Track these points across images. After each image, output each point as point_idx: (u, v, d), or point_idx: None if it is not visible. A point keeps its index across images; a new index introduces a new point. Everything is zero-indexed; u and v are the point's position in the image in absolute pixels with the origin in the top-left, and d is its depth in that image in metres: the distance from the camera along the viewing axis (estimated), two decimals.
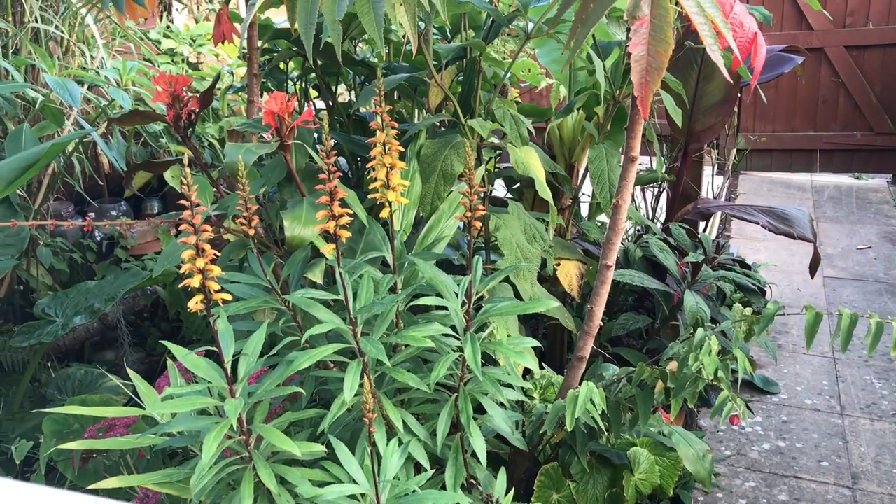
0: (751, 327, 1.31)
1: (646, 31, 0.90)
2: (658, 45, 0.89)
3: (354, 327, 1.32)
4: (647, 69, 0.90)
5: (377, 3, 0.98)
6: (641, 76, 0.90)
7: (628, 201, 1.39)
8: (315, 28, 1.01)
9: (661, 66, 0.89)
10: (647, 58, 0.89)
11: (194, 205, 1.17)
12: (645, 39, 0.90)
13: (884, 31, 5.06)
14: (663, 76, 1.71)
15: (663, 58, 0.89)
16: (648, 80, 0.90)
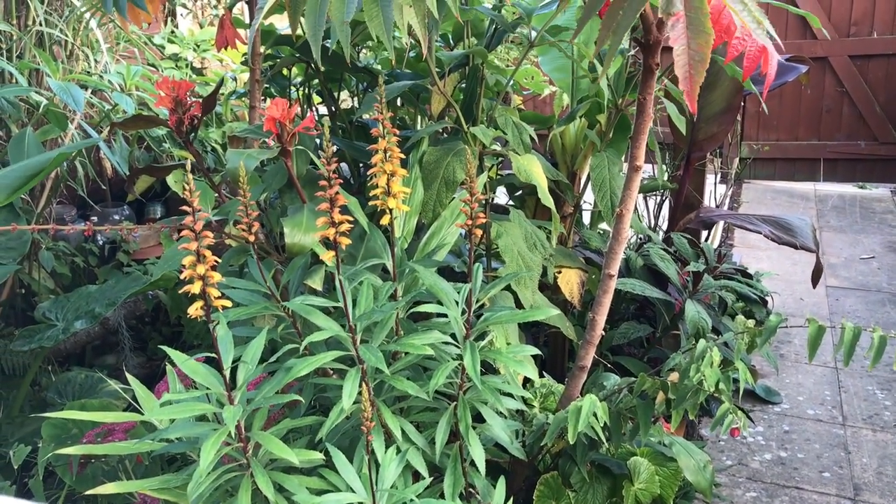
0: (753, 339, 1.31)
1: (683, 26, 0.90)
2: (698, 38, 0.89)
3: (354, 335, 1.32)
4: (690, 62, 0.89)
5: (386, 7, 0.97)
6: (686, 70, 0.89)
7: (631, 210, 1.39)
8: (322, 31, 1.01)
9: (705, 57, 0.89)
10: (689, 51, 0.89)
11: (195, 210, 1.17)
12: (683, 33, 0.90)
13: (888, 40, 5.05)
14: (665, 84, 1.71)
15: (705, 49, 0.89)
16: (693, 73, 0.90)
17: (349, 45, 1.03)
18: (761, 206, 4.95)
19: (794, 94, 5.18)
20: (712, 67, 2.36)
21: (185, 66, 3.42)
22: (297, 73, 2.35)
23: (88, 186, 2.98)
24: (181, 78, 3.39)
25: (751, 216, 2.33)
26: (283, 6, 1.68)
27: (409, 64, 2.19)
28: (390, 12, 0.98)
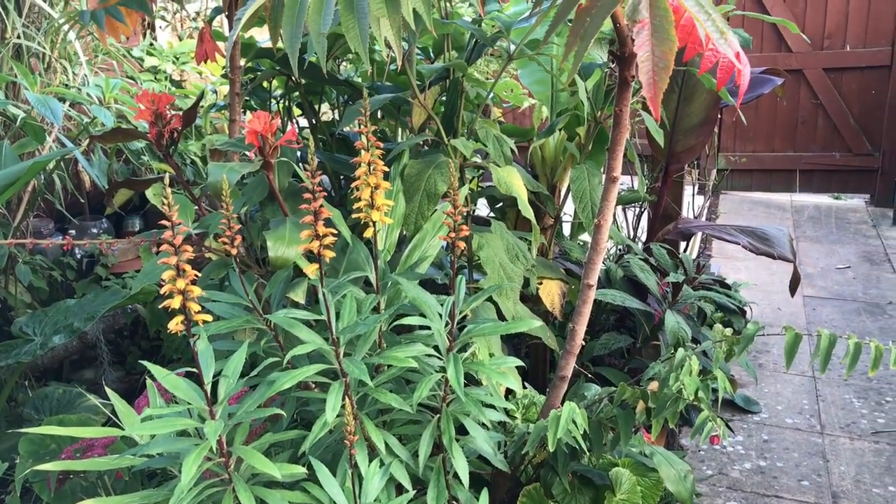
0: (731, 347, 1.32)
1: (647, 33, 0.91)
2: (662, 45, 0.90)
3: (337, 348, 1.32)
4: (654, 69, 0.90)
5: (362, 19, 0.98)
6: (649, 76, 0.91)
7: (609, 221, 1.40)
8: (300, 43, 1.01)
9: (668, 64, 0.90)
10: (653, 58, 0.90)
11: (175, 224, 1.17)
12: (648, 41, 0.91)
13: (861, 53, 5.13)
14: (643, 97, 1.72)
15: (669, 56, 0.90)
16: (656, 80, 0.91)
17: (326, 58, 1.03)
18: (738, 217, 5.00)
19: (770, 105, 5.24)
20: (690, 80, 2.39)
21: (165, 79, 3.41)
22: (278, 86, 2.35)
23: (66, 200, 2.96)
24: (160, 90, 3.38)
25: (729, 227, 2.36)
26: (262, 19, 1.68)
27: (390, 76, 2.20)
28: (366, 24, 0.99)
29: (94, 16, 1.46)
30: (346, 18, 0.99)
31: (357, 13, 0.98)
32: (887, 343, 3.39)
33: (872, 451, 2.61)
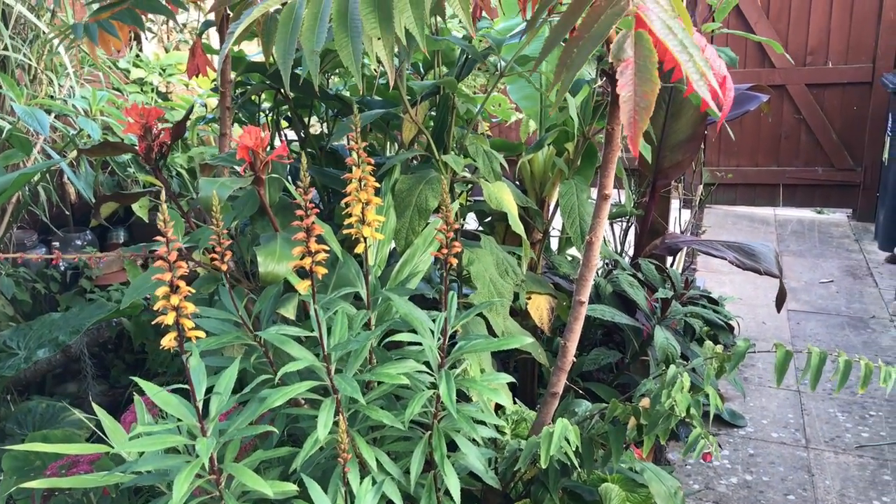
0: (722, 365, 1.33)
1: (631, 73, 0.92)
2: (644, 86, 0.91)
3: (328, 364, 1.31)
4: (636, 109, 0.91)
5: (356, 38, 0.98)
6: (630, 116, 0.91)
7: (601, 238, 1.41)
8: (293, 59, 1.02)
9: (649, 105, 0.91)
10: (635, 97, 0.91)
11: (169, 241, 1.16)
12: (631, 80, 0.91)
13: (843, 70, 5.20)
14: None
15: (650, 97, 0.91)
16: (637, 119, 0.91)
17: (318, 74, 1.03)
18: (723, 231, 5.04)
19: (754, 121, 5.29)
20: (677, 97, 2.41)
21: (151, 91, 3.40)
22: (266, 99, 2.35)
23: (51, 212, 2.94)
24: (147, 102, 3.37)
25: (715, 242, 2.37)
26: (253, 33, 1.69)
27: (380, 91, 2.20)
28: (360, 44, 0.99)
29: (87, 29, 1.46)
30: (340, 37, 0.99)
31: (351, 32, 0.98)
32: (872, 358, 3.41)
33: (857, 466, 2.62)
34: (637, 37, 0.92)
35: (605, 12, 0.93)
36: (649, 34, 0.92)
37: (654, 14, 0.93)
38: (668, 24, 0.93)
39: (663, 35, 0.92)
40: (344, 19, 0.99)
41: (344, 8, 0.99)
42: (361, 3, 0.98)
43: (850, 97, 5.23)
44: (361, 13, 0.98)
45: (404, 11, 0.96)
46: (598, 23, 0.93)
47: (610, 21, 0.93)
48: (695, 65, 0.92)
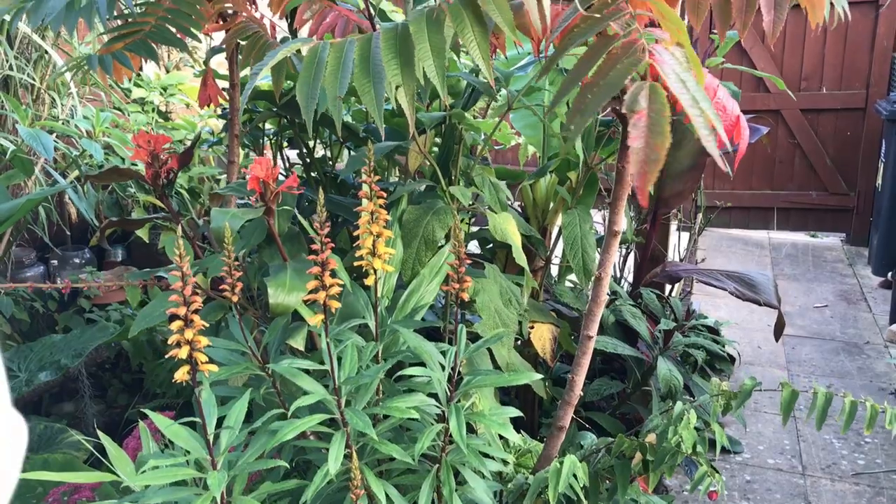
0: (728, 402, 1.34)
1: (644, 125, 0.93)
2: (656, 139, 0.92)
3: (339, 397, 1.32)
4: (646, 160, 0.92)
5: (378, 83, 1.00)
6: (640, 167, 0.92)
7: (609, 274, 1.42)
8: (315, 104, 1.03)
9: (659, 158, 0.92)
10: (646, 149, 0.92)
11: (185, 275, 1.17)
12: (643, 132, 0.93)
13: (836, 95, 5.25)
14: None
15: (661, 150, 0.92)
16: (647, 171, 0.93)
17: (341, 118, 1.05)
18: (718, 255, 5.06)
19: (749, 145, 5.32)
20: (679, 127, 2.43)
21: (152, 110, 3.41)
22: (271, 125, 2.37)
23: (52, 231, 2.94)
24: (147, 122, 3.37)
25: (716, 272, 2.39)
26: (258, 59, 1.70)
27: (386, 119, 2.22)
28: (381, 89, 1.01)
29: (101, 61, 1.47)
30: (362, 83, 1.01)
31: (373, 78, 1.00)
32: (867, 384, 3.43)
33: (853, 493, 2.63)
34: (651, 89, 0.93)
35: (622, 61, 0.94)
36: (664, 87, 0.94)
37: (669, 67, 0.95)
38: (681, 78, 0.95)
39: (676, 89, 0.94)
40: (366, 65, 1.00)
41: (366, 53, 1.00)
42: (384, 50, 0.99)
43: (843, 122, 5.28)
44: (384, 59, 0.99)
45: (426, 59, 0.97)
46: (613, 71, 0.94)
47: (626, 70, 0.94)
48: (705, 120, 0.93)
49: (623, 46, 0.95)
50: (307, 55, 1.03)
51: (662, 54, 0.96)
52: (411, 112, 1.01)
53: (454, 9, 0.99)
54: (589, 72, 0.98)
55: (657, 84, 0.94)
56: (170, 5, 1.57)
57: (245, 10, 1.68)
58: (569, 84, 0.98)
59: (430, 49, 0.98)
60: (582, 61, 0.98)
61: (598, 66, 0.97)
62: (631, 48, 0.95)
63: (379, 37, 1.01)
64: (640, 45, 0.95)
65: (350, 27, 1.76)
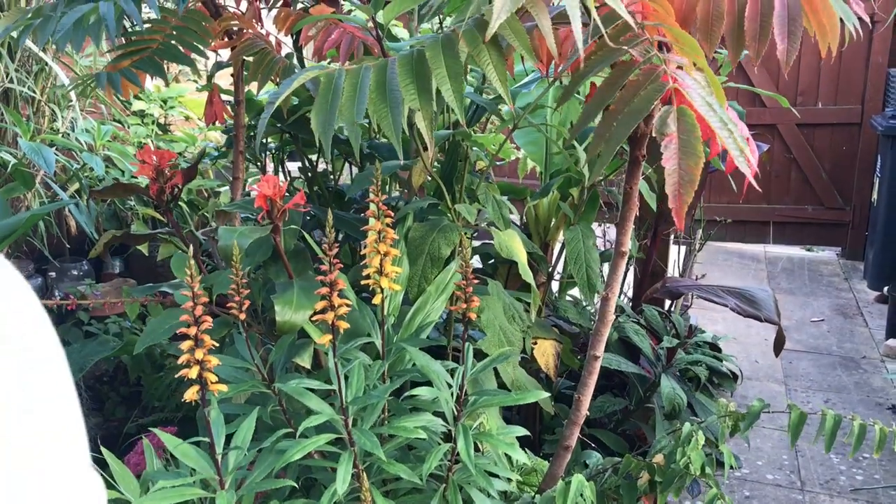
0: (736, 424, 1.34)
1: (675, 147, 0.93)
2: (689, 160, 0.93)
3: (346, 417, 1.32)
4: (680, 182, 0.93)
5: (395, 109, 1.00)
6: (675, 189, 0.93)
7: (617, 293, 1.43)
8: (333, 130, 1.03)
9: (693, 179, 0.93)
10: (679, 171, 0.93)
11: (196, 295, 1.17)
12: (675, 154, 0.93)
13: (832, 111, 5.28)
14: None
15: (695, 171, 0.93)
16: (682, 193, 0.93)
17: (358, 144, 1.05)
18: (714, 268, 5.07)
19: None
20: None
21: (151, 123, 3.41)
22: (273, 140, 2.37)
23: (51, 244, 2.93)
24: (147, 134, 3.37)
25: (716, 288, 2.40)
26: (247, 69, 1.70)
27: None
28: (399, 115, 1.01)
29: (110, 79, 1.47)
30: (380, 108, 1.01)
31: (390, 103, 1.00)
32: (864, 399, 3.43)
33: None
34: (680, 112, 0.94)
35: (645, 88, 0.95)
36: (691, 109, 0.94)
37: (694, 91, 0.96)
38: (707, 101, 0.95)
39: (704, 111, 0.94)
40: (383, 90, 1.00)
41: (382, 79, 1.01)
42: (400, 75, 1.00)
43: (839, 137, 5.31)
44: (400, 84, 1.00)
45: (443, 84, 0.98)
46: (638, 98, 0.95)
47: (651, 97, 0.95)
48: (735, 141, 0.94)
49: (644, 73, 0.96)
50: (323, 82, 1.04)
51: (685, 79, 0.96)
52: (430, 135, 1.02)
53: (470, 34, 0.99)
54: (611, 98, 0.98)
55: (686, 108, 0.94)
56: (177, 23, 1.58)
57: (251, 28, 1.68)
58: (592, 111, 0.99)
59: (447, 73, 0.98)
60: (603, 88, 0.99)
61: (621, 93, 0.97)
62: (652, 74, 0.96)
63: (395, 62, 1.01)
64: (661, 70, 0.96)
65: (355, 44, 1.77)
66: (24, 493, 0.35)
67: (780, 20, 1.03)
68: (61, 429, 0.39)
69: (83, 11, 1.35)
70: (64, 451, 0.39)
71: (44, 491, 0.37)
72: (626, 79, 0.97)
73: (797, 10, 1.04)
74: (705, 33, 1.08)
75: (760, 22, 1.03)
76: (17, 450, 0.36)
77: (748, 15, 1.05)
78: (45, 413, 0.38)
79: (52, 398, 0.39)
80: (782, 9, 1.04)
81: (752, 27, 1.04)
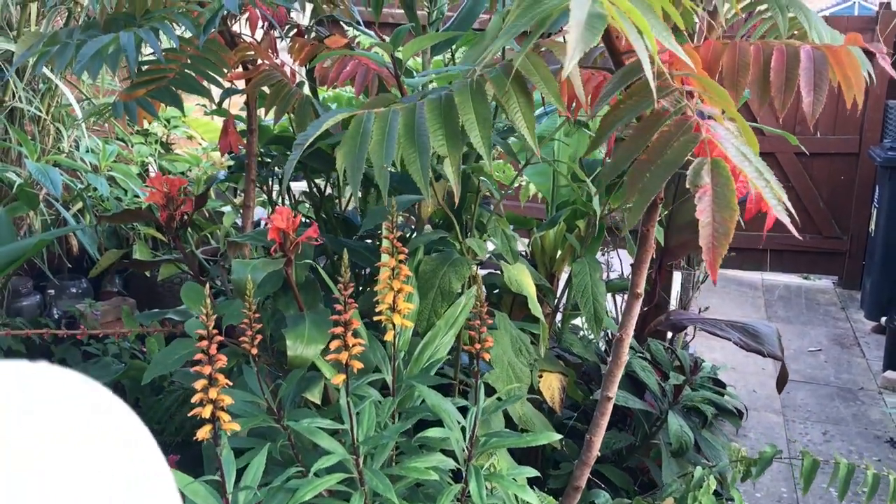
0: (748, 468, 1.34)
1: (709, 199, 0.93)
2: (723, 212, 0.93)
3: (357, 457, 1.31)
4: (714, 235, 0.93)
5: (423, 154, 1.00)
6: (709, 241, 0.93)
7: (630, 335, 1.42)
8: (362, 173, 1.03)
9: (728, 231, 0.93)
10: (713, 223, 0.93)
11: (210, 334, 1.16)
12: (709, 207, 0.93)
13: (830, 140, 5.31)
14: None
15: (729, 224, 0.93)
16: (716, 245, 0.93)
17: (387, 187, 1.05)
18: (712, 295, 5.07)
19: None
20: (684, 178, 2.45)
21: (155, 142, 3.40)
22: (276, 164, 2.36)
23: (53, 263, 2.91)
24: (150, 153, 3.37)
25: (720, 321, 2.40)
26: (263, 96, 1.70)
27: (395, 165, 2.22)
28: (427, 161, 1.01)
29: (126, 108, 1.47)
30: (408, 152, 1.01)
31: (419, 148, 1.00)
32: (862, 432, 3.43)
33: None
34: (714, 164, 0.94)
35: (678, 139, 0.95)
36: (725, 161, 0.94)
37: (728, 141, 0.96)
38: (741, 151, 0.96)
39: (738, 161, 0.95)
40: (411, 134, 1.00)
41: (411, 123, 1.01)
42: (429, 120, 1.00)
43: (837, 167, 5.34)
44: (429, 129, 0.99)
45: (472, 130, 0.98)
46: (671, 149, 0.95)
47: (685, 148, 0.95)
48: (772, 191, 0.94)
49: (676, 123, 0.96)
50: (352, 125, 1.04)
51: (717, 129, 0.96)
52: (457, 181, 1.01)
53: (498, 79, 0.99)
54: (641, 148, 0.98)
55: (720, 160, 0.94)
56: (193, 52, 1.58)
57: (267, 58, 1.69)
58: (621, 161, 0.99)
59: (476, 119, 0.98)
60: (633, 138, 0.99)
61: (653, 144, 0.97)
62: (684, 125, 0.96)
63: (423, 107, 1.01)
64: (693, 121, 0.96)
65: (370, 76, 1.77)
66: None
67: (807, 73, 1.04)
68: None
69: (103, 42, 1.35)
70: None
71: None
72: (657, 129, 0.97)
73: (823, 62, 1.05)
74: (731, 83, 1.08)
75: (787, 74, 1.04)
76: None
77: (774, 66, 1.06)
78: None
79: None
80: (808, 62, 1.05)
81: (778, 79, 1.05)
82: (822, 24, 1.35)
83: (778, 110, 1.10)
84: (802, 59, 1.04)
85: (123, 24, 1.57)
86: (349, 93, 2.75)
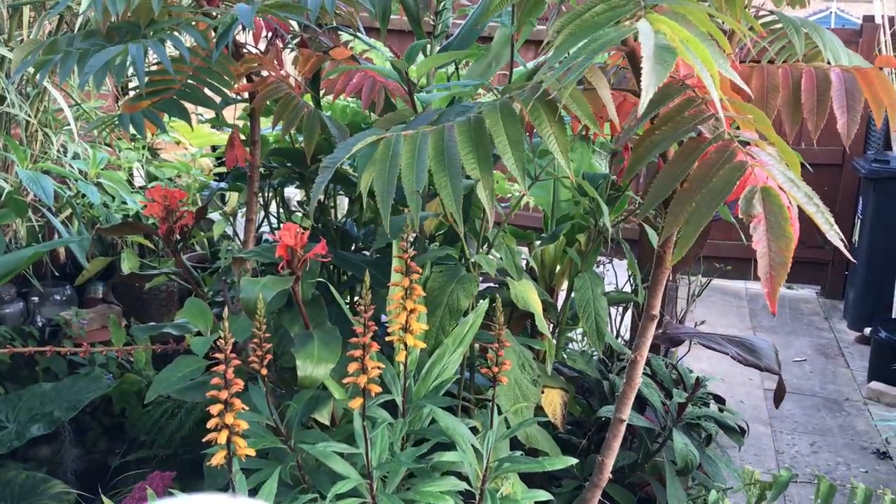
0: (763, 493, 1.33)
1: (763, 229, 0.92)
2: (779, 241, 0.92)
3: (371, 481, 1.28)
4: (771, 264, 0.92)
5: (455, 178, 0.98)
6: (766, 272, 0.92)
7: (644, 357, 1.41)
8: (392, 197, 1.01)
9: (786, 260, 0.92)
10: (770, 254, 0.92)
11: (228, 358, 1.13)
12: (764, 237, 0.92)
13: (815, 152, 5.34)
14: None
15: (786, 252, 0.92)
16: (774, 276, 0.92)
17: (418, 210, 1.03)
18: (699, 305, 5.09)
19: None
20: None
21: (142, 147, 3.34)
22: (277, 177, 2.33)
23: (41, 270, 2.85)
24: (138, 159, 3.31)
25: (716, 336, 2.39)
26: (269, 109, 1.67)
27: None
28: (460, 185, 0.99)
29: (133, 120, 1.43)
30: (439, 176, 0.99)
31: (450, 172, 0.98)
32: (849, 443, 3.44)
33: None
34: (764, 193, 0.93)
35: (722, 167, 0.93)
36: (777, 189, 0.93)
37: (774, 168, 0.95)
38: (789, 177, 0.95)
39: (788, 188, 0.94)
40: (441, 157, 0.98)
41: (440, 146, 0.98)
42: (460, 143, 0.97)
43: (821, 178, 5.38)
44: (460, 153, 0.97)
45: (505, 153, 0.96)
46: (717, 178, 0.93)
47: (731, 177, 0.93)
48: (823, 216, 0.94)
49: (717, 150, 0.95)
50: (381, 148, 1.01)
51: (761, 155, 0.95)
52: (491, 207, 0.99)
53: (532, 106, 0.98)
54: (681, 176, 0.97)
55: (771, 188, 0.93)
56: (199, 63, 1.55)
57: (273, 70, 1.66)
58: (662, 189, 0.97)
59: (509, 141, 0.96)
60: (673, 165, 0.98)
61: (694, 171, 0.96)
62: (726, 151, 0.95)
63: (453, 129, 0.99)
64: (735, 147, 0.95)
65: (376, 88, 1.75)
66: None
67: (839, 94, 1.03)
68: None
69: (111, 54, 1.32)
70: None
71: None
72: (697, 156, 0.96)
73: (854, 84, 1.04)
74: (761, 105, 1.07)
75: (818, 97, 1.03)
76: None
77: (804, 88, 1.05)
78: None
79: None
80: (839, 83, 1.04)
81: (810, 101, 1.04)
82: (839, 43, 1.35)
83: (812, 132, 1.09)
84: (833, 82, 1.04)
85: (126, 33, 1.53)
86: (344, 101, 2.72)
